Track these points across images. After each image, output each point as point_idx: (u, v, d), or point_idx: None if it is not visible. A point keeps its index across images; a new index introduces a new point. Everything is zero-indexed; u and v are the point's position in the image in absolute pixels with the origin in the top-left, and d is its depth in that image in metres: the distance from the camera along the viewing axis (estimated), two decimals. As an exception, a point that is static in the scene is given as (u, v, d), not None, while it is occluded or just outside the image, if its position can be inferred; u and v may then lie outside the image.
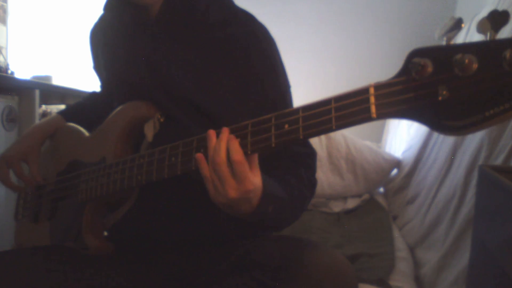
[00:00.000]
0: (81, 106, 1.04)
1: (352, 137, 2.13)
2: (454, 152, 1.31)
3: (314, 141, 2.05)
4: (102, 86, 1.01)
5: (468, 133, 0.38)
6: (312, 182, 0.79)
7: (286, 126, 0.51)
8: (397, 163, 2.13)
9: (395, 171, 2.16)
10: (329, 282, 0.57)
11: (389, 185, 2.09)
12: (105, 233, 0.78)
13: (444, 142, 1.50)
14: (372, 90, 0.43)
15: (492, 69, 0.36)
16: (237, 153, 0.54)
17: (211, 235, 0.75)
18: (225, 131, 0.56)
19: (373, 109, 0.43)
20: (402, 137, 2.40)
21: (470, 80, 0.37)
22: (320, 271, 0.57)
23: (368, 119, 0.44)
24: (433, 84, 0.39)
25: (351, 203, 1.93)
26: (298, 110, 0.51)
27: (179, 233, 0.75)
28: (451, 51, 0.39)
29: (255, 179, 0.56)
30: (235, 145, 0.54)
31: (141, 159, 0.68)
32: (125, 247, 0.79)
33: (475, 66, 0.37)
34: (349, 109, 0.45)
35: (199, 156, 0.57)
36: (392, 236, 1.41)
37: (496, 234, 0.57)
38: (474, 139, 1.15)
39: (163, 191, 0.74)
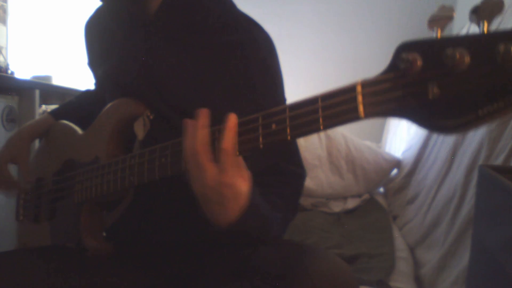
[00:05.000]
0: (72, 105, 1.02)
1: (352, 137, 2.13)
2: (454, 152, 1.31)
3: (314, 141, 2.05)
4: (96, 83, 1.00)
5: (461, 132, 0.36)
6: (294, 205, 0.75)
7: (274, 126, 0.48)
8: (397, 163, 2.13)
9: (395, 171, 2.16)
10: None
11: (389, 185, 2.09)
12: (104, 234, 0.78)
13: (444, 142, 1.50)
14: (359, 88, 0.40)
15: (485, 64, 0.33)
16: (229, 141, 0.51)
17: (208, 235, 0.75)
18: (233, 118, 0.52)
19: (360, 108, 0.40)
20: (402, 137, 2.40)
21: (462, 76, 0.34)
22: (321, 279, 0.57)
23: (356, 118, 0.41)
24: (422, 81, 0.37)
25: (351, 203, 1.93)
26: (285, 109, 0.48)
27: (176, 233, 0.75)
28: (441, 44, 0.36)
29: (239, 180, 0.53)
30: (230, 133, 0.51)
31: (132, 160, 0.67)
32: (124, 247, 0.79)
33: (467, 61, 0.34)
34: (336, 108, 0.42)
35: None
36: (392, 236, 1.41)
37: (496, 234, 0.57)
38: (474, 139, 1.15)
39: (158, 191, 0.73)
